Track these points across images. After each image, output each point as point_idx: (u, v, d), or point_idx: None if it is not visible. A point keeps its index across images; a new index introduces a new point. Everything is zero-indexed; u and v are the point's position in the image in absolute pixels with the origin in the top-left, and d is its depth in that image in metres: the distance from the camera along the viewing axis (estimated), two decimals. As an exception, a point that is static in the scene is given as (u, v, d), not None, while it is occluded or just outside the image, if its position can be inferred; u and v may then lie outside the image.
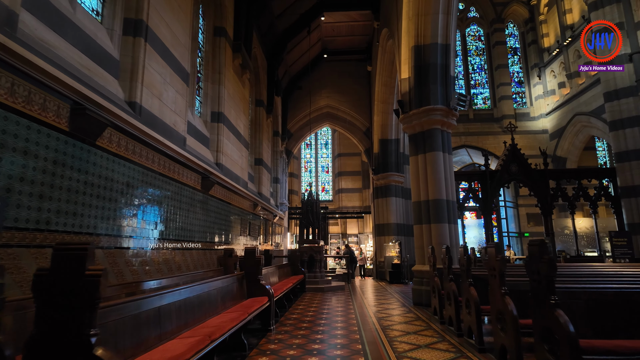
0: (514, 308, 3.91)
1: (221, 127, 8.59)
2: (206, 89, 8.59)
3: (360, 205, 24.67)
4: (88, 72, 4.42)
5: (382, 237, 16.67)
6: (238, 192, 9.56)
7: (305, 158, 26.94)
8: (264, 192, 13.17)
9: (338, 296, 10.48)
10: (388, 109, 16.32)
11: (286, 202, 17.17)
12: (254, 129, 12.92)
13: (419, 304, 8.58)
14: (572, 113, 22.42)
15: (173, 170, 6.12)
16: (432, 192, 8.87)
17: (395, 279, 14.47)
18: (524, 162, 17.99)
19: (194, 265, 6.88)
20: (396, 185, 16.72)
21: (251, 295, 6.11)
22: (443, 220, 8.72)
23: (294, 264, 11.80)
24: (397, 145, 16.89)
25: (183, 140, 6.57)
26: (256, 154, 12.77)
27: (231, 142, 9.37)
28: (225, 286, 5.24)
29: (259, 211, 12.14)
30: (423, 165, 9.11)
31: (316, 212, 13.05)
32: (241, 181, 10.21)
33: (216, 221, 8.20)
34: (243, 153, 10.56)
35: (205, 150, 8.11)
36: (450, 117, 9.27)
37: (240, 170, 10.22)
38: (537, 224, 24.15)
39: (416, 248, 9.16)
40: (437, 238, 8.64)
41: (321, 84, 18.60)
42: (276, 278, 9.03)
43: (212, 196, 7.90)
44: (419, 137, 9.31)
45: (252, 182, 12.21)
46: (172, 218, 6.10)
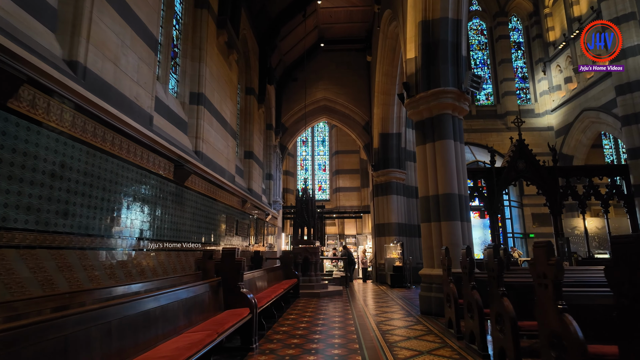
0: (577, 329, 2.81)
1: (202, 111, 7.50)
2: (184, 67, 7.49)
3: (358, 204, 23.60)
4: (8, 18, 3.33)
5: (382, 238, 15.60)
6: (223, 186, 8.46)
7: (302, 155, 25.85)
8: (254, 188, 12.07)
9: (335, 303, 9.39)
10: (389, 100, 15.27)
11: (280, 200, 16.07)
12: (244, 118, 11.83)
13: (428, 313, 7.50)
14: (580, 109, 21.48)
15: (134, 154, 5.01)
16: (443, 186, 7.80)
17: (397, 283, 13.39)
18: (532, 158, 16.99)
19: (165, 270, 5.77)
20: (397, 182, 15.66)
21: (229, 306, 5.00)
22: (455, 218, 7.66)
23: (286, 266, 10.69)
24: (399, 140, 15.84)
25: (149, 119, 5.46)
26: (246, 146, 11.68)
27: (214, 129, 8.27)
28: (192, 297, 4.14)
29: (248, 209, 11.04)
30: (432, 156, 8.05)
31: (311, 210, 11.96)
32: (227, 174, 9.11)
33: (195, 218, 7.09)
34: (230, 143, 9.46)
35: (181, 136, 7.01)
36: (462, 101, 8.22)
37: (226, 161, 9.11)
38: (542, 225, 23.18)
39: (424, 249, 8.09)
40: (448, 237, 7.58)
41: (318, 75, 17.54)
42: (265, 283, 7.92)
43: (188, 188, 6.79)
44: (427, 123, 8.25)
45: (240, 177, 11.11)
46: (133, 212, 4.99)
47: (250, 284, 6.51)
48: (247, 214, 10.94)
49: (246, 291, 5.10)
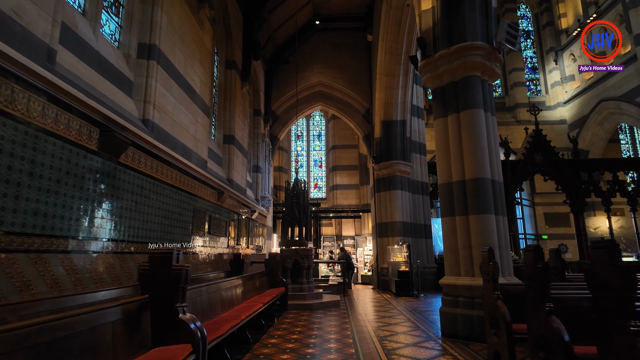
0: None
1: (154, 68, 5.65)
2: (131, 9, 5.63)
3: (357, 203, 21.77)
4: None
5: (384, 239, 13.76)
6: (188, 172, 6.62)
7: (296, 151, 24.00)
8: (236, 179, 10.22)
9: (331, 318, 7.54)
10: (393, 82, 13.48)
11: (270, 196, 14.20)
12: (224, 96, 9.99)
13: (452, 336, 5.66)
14: (597, 99, 19.80)
15: (24, 106, 3.17)
16: (471, 169, 5.99)
17: (403, 291, 11.55)
18: (550, 150, 15.24)
19: (78, 281, 3.91)
20: (402, 176, 13.84)
21: (160, 341, 3.15)
22: (487, 210, 5.84)
23: (272, 272, 8.84)
24: (403, 128, 14.03)
25: (46, 52, 3.61)
26: (226, 129, 9.83)
27: (175, 96, 6.42)
28: (88, 331, 2.29)
29: (228, 203, 9.18)
30: (455, 130, 6.24)
31: (304, 205, 10.11)
32: (195, 157, 7.25)
33: (141, 209, 5.23)
34: (200, 119, 7.61)
35: (121, 97, 5.16)
36: (494, 61, 6.42)
37: (194, 141, 7.26)
38: (555, 225, 21.46)
39: (446, 252, 6.25)
40: (479, 236, 5.76)
41: (312, 57, 15.73)
42: (238, 295, 6.06)
43: (129, 168, 4.94)
44: (448, 90, 6.45)
45: (217, 164, 9.26)
46: (16, 189, 3.15)
47: (209, 300, 4.64)
48: (225, 209, 9.09)
49: (190, 317, 3.24)
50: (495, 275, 4.05)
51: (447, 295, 6.02)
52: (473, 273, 5.74)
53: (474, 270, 5.74)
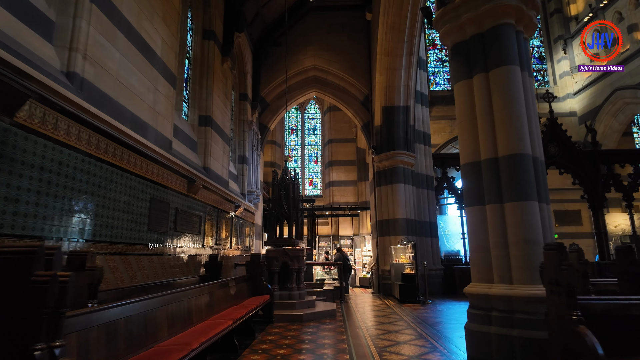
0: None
1: (84, 4, 4.22)
2: None
3: (355, 201, 20.35)
4: None
5: (385, 238, 12.35)
6: (140, 150, 5.17)
7: (290, 145, 22.55)
8: (215, 168, 8.78)
9: (325, 334, 6.10)
10: (395, 63, 12.08)
11: (258, 191, 12.75)
12: (199, 70, 8.54)
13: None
14: (611, 88, 18.48)
15: None
16: (506, 143, 4.59)
17: (408, 297, 10.14)
18: (566, 140, 13.89)
19: None
20: (405, 168, 12.44)
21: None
22: (529, 196, 4.44)
23: (255, 277, 7.40)
24: (406, 115, 12.64)
25: None
26: (202, 108, 8.39)
27: (121, 52, 4.98)
28: None
29: (201, 194, 7.75)
30: (483, 94, 4.84)
31: (294, 198, 8.68)
32: (152, 132, 5.80)
33: (57, 192, 3.79)
34: (162, 88, 6.16)
35: (32, 39, 3.72)
36: (531, 6, 5.04)
37: (152, 114, 5.82)
38: (565, 224, 20.12)
39: (472, 251, 4.84)
40: (519, 230, 4.35)
41: (306, 39, 14.30)
42: (202, 307, 4.61)
43: (34, 132, 3.50)
44: (472, 44, 5.05)
45: (190, 149, 7.81)
46: None
47: (145, 322, 3.19)
48: (199, 202, 7.64)
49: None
50: (572, 286, 2.64)
51: (475, 308, 4.61)
52: (511, 279, 4.33)
53: (511, 276, 4.34)
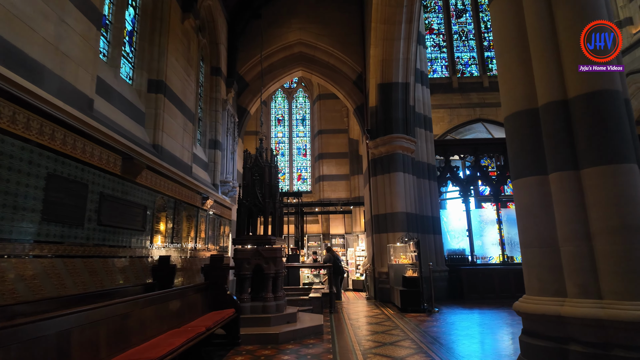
0: None
1: None
2: None
3: (347, 197, 18.68)
4: None
5: (382, 235, 10.67)
6: (30, 102, 3.40)
7: (277, 137, 20.79)
8: (171, 147, 7.01)
9: (305, 366, 4.39)
10: (393, 33, 10.42)
11: (234, 182, 10.99)
12: (151, 25, 6.74)
13: None
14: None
15: None
16: (582, 76, 2.91)
17: (411, 304, 8.47)
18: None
19: None
20: (405, 155, 10.79)
21: None
22: (625, 157, 2.78)
23: (215, 285, 5.63)
24: (406, 93, 10.99)
25: None
26: (152, 71, 6.61)
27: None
28: None
29: (147, 179, 5.96)
30: (542, 6, 3.16)
31: (270, 185, 6.94)
32: (52, 79, 4.03)
33: None
34: (72, 22, 4.38)
35: None
36: None
37: (53, 54, 4.05)
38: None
39: (525, 247, 3.14)
40: (611, 210, 2.67)
41: (290, 10, 12.59)
42: (117, 336, 2.84)
43: None
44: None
45: (130, 118, 6.02)
46: None
47: None
48: (144, 188, 5.86)
49: None
50: None
51: (534, 336, 2.91)
52: (599, 290, 2.66)
53: (599, 285, 2.67)
